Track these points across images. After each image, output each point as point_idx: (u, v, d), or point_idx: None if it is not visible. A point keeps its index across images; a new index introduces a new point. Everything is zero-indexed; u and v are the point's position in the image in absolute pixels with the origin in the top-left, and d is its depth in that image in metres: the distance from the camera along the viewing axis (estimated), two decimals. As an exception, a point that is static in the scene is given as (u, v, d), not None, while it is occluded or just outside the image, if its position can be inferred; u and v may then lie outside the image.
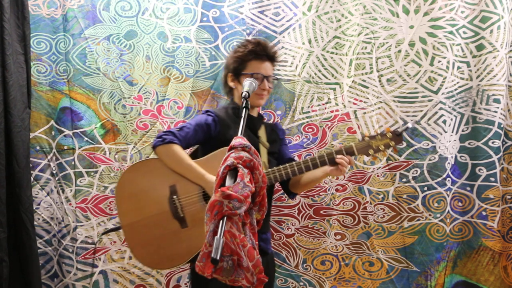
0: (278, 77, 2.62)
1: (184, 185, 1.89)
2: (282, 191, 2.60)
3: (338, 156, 1.91)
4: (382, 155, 2.03)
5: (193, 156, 2.05)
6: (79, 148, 2.60)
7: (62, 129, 2.60)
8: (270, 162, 2.04)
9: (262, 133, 2.08)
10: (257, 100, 2.04)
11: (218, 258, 1.19)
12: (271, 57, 2.06)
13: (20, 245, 2.45)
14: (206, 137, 1.98)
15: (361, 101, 2.61)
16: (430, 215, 2.58)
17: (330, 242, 2.62)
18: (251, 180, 1.41)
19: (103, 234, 2.37)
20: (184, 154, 1.90)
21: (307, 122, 2.62)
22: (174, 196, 1.89)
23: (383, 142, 1.97)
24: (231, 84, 2.08)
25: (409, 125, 1.96)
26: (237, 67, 2.04)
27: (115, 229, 2.18)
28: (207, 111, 2.07)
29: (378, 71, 2.60)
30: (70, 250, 2.59)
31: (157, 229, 1.88)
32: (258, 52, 2.02)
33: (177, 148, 1.89)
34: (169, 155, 1.89)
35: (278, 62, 2.15)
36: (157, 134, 1.95)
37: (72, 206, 2.59)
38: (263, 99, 2.06)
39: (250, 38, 2.10)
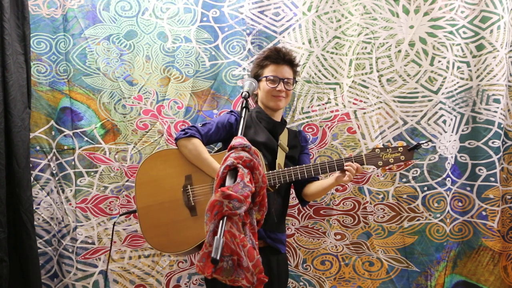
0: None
1: (200, 176, 2.00)
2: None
3: (347, 163, 1.94)
4: (392, 169, 2.04)
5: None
6: (79, 148, 2.60)
7: (62, 129, 2.60)
8: (287, 165, 2.10)
9: (283, 137, 2.16)
10: (274, 102, 2.12)
11: (218, 258, 1.19)
12: (288, 61, 2.13)
13: (20, 245, 2.45)
14: (228, 136, 2.08)
15: (361, 101, 2.61)
16: (430, 215, 2.58)
17: (330, 242, 2.62)
18: (251, 180, 1.41)
19: (121, 215, 2.48)
20: (202, 147, 2.01)
21: (307, 122, 2.62)
22: (188, 185, 2.01)
23: (393, 155, 1.98)
24: (257, 91, 2.17)
25: (422, 142, 1.98)
26: (257, 72, 2.15)
27: (132, 212, 2.34)
28: (231, 111, 2.18)
29: (378, 71, 2.60)
30: (70, 250, 2.59)
31: (168, 215, 2.00)
32: (273, 56, 2.11)
33: (197, 141, 2.02)
34: (189, 148, 2.01)
35: (298, 66, 2.21)
36: (182, 128, 2.10)
37: (72, 206, 2.59)
38: (281, 101, 2.13)
39: (265, 48, 2.27)
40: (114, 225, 2.43)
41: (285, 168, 1.98)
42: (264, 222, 1.89)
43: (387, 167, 2.00)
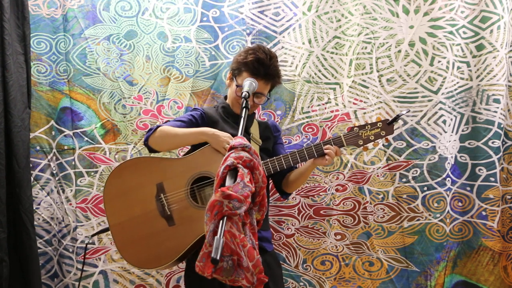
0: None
1: (171, 182, 1.88)
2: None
3: (325, 146, 1.87)
4: (374, 145, 1.99)
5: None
6: (79, 148, 2.60)
7: (62, 129, 2.60)
8: (263, 158, 1.99)
9: (254, 130, 2.07)
10: (238, 110, 1.99)
11: (218, 258, 1.19)
12: (267, 77, 1.96)
13: (20, 245, 2.45)
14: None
15: (361, 101, 2.62)
16: (430, 215, 2.58)
17: (330, 242, 2.62)
18: (251, 180, 1.41)
19: (93, 235, 2.34)
20: (173, 128, 1.90)
21: (307, 122, 2.62)
22: (161, 194, 1.87)
23: (373, 132, 1.91)
24: (227, 82, 2.10)
25: (402, 112, 1.88)
26: (234, 71, 2.02)
27: (104, 230, 2.15)
28: (195, 108, 2.09)
29: (378, 71, 2.60)
30: (70, 250, 2.59)
31: (144, 228, 1.86)
32: (251, 67, 1.94)
33: (165, 126, 1.91)
34: (162, 136, 1.90)
35: (278, 77, 2.02)
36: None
37: (72, 206, 2.59)
38: (252, 107, 1.98)
39: (256, 47, 2.03)
40: (86, 246, 2.35)
41: (262, 161, 1.86)
42: None
43: (367, 144, 1.92)
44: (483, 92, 2.56)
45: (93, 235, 2.33)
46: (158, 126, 1.93)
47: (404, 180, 2.59)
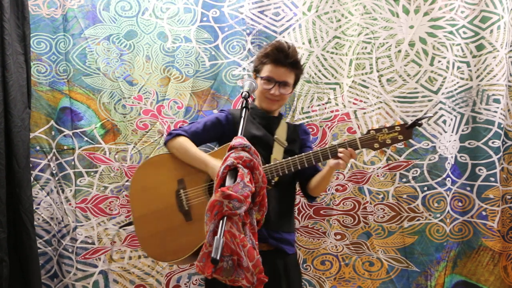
0: None
1: (192, 178, 1.93)
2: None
3: (340, 149, 1.83)
4: (391, 150, 1.94)
5: None
6: (79, 148, 2.60)
7: (62, 129, 2.60)
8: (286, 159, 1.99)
9: (281, 132, 2.06)
10: (266, 103, 2.05)
11: (218, 258, 1.19)
12: (289, 64, 1.99)
13: (20, 245, 2.45)
14: (219, 133, 2.03)
15: (361, 101, 2.61)
16: (430, 215, 2.58)
17: (330, 242, 2.62)
18: (251, 180, 1.41)
19: (121, 227, 2.45)
20: (189, 143, 1.96)
21: (307, 122, 2.62)
22: (181, 190, 1.94)
23: (390, 135, 1.83)
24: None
25: (425, 116, 1.82)
26: (257, 67, 2.06)
27: (130, 223, 2.27)
28: (222, 110, 2.13)
29: (378, 71, 2.60)
30: (70, 250, 2.59)
31: (163, 222, 1.93)
32: (272, 56, 1.99)
33: (182, 139, 1.97)
34: (176, 147, 1.97)
35: (301, 68, 2.08)
36: (169, 131, 2.05)
37: (72, 206, 2.59)
38: (274, 105, 2.05)
39: (274, 41, 2.09)
40: (113, 238, 2.42)
41: (277, 162, 1.88)
42: (265, 221, 1.86)
43: (383, 148, 1.85)
44: (483, 92, 2.56)
45: (121, 227, 2.43)
46: (178, 134, 2.00)
47: (404, 180, 2.59)
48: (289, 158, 1.87)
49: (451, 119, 2.58)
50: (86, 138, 2.60)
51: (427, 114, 1.89)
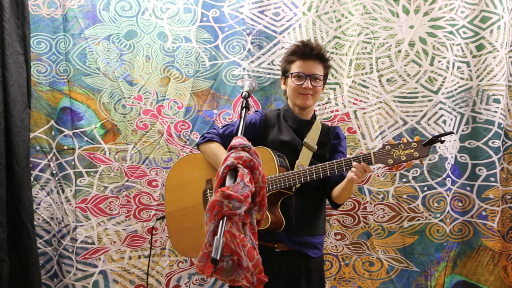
0: (278, 77, 2.61)
1: None
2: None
3: (354, 164, 1.80)
4: (407, 166, 1.89)
5: None
6: (79, 148, 2.60)
7: (62, 129, 2.60)
8: (312, 164, 1.95)
9: (313, 135, 2.04)
10: (301, 100, 2.02)
11: (218, 258, 1.18)
12: (316, 55, 2.00)
13: (20, 245, 2.45)
14: (252, 135, 1.99)
15: (361, 101, 2.61)
16: (430, 215, 2.58)
17: (330, 242, 2.62)
18: (251, 180, 1.41)
19: (158, 219, 2.51)
20: (219, 150, 2.00)
21: (307, 122, 2.62)
22: (208, 190, 2.01)
23: (405, 152, 1.74)
24: (283, 87, 2.12)
25: (442, 133, 1.75)
26: (285, 68, 2.07)
27: (164, 217, 2.32)
28: (257, 110, 2.15)
29: (378, 71, 2.60)
30: (70, 250, 2.59)
31: (190, 220, 2.03)
32: (300, 51, 2.00)
33: (214, 145, 2.02)
34: (207, 152, 2.04)
35: (328, 60, 2.07)
36: (203, 133, 2.12)
37: (72, 206, 2.59)
38: (308, 99, 2.01)
39: (299, 40, 2.12)
40: (152, 228, 2.44)
41: (295, 170, 1.87)
42: (285, 225, 1.89)
43: (399, 166, 1.78)
44: (483, 92, 2.56)
45: (158, 219, 2.51)
46: (210, 139, 2.05)
47: (404, 180, 2.59)
48: (307, 168, 1.87)
49: (451, 119, 2.58)
50: (86, 138, 2.60)
51: (446, 132, 1.84)
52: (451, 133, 1.81)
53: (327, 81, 2.62)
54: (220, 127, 2.09)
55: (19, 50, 2.51)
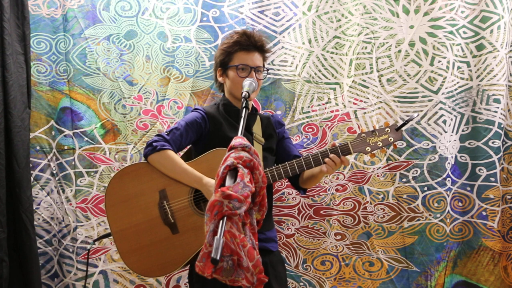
0: (278, 77, 2.62)
1: (174, 189, 1.85)
2: (281, 192, 2.61)
3: (331, 155, 1.81)
4: (381, 152, 1.94)
5: (186, 156, 2.02)
6: (79, 148, 2.60)
7: (62, 129, 2.60)
8: (266, 158, 1.97)
9: (257, 128, 2.01)
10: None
11: (218, 258, 1.18)
12: (259, 47, 1.95)
13: (20, 245, 2.45)
14: (198, 136, 1.94)
15: (361, 101, 2.61)
16: (430, 215, 2.58)
17: (330, 242, 2.62)
18: (251, 180, 1.41)
19: (95, 240, 2.34)
20: (177, 158, 1.86)
21: (307, 122, 2.62)
22: (164, 201, 1.85)
23: (381, 138, 1.83)
24: (220, 79, 2.01)
25: (412, 116, 1.83)
26: (224, 60, 1.96)
27: (106, 236, 2.11)
28: (196, 108, 2.01)
29: (378, 71, 2.60)
30: (70, 250, 2.59)
31: (147, 236, 1.84)
32: (243, 42, 1.92)
33: (170, 153, 1.85)
34: (162, 162, 1.85)
35: (269, 52, 2.03)
36: (147, 141, 1.88)
37: (72, 206, 2.59)
38: (253, 93, 1.91)
39: (232, 31, 2.03)
40: (88, 251, 2.35)
41: (267, 169, 1.83)
42: None
43: (375, 151, 1.84)
44: (483, 92, 2.56)
45: (95, 240, 2.32)
46: (162, 147, 1.85)
47: (404, 180, 2.59)
48: (280, 165, 1.84)
49: (451, 119, 2.58)
50: (86, 138, 2.60)
51: (414, 114, 1.89)
52: (417, 117, 1.84)
53: (327, 81, 2.64)
54: (165, 133, 1.89)
55: (19, 50, 2.51)
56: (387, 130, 1.83)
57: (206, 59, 2.63)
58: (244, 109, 1.60)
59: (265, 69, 1.99)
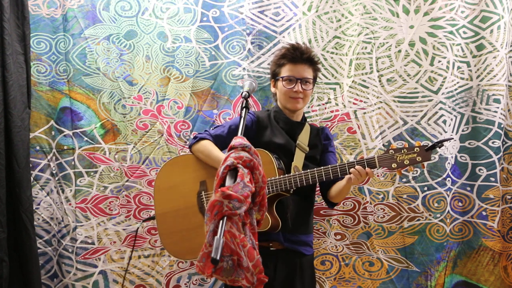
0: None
1: (214, 181, 1.91)
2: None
3: (357, 167, 1.85)
4: (409, 170, 1.95)
5: None
6: (79, 148, 2.60)
7: (62, 129, 2.60)
8: (306, 166, 2.02)
9: (304, 137, 2.09)
10: (291, 103, 2.07)
11: (218, 258, 1.18)
12: (306, 59, 2.05)
13: (20, 245, 2.45)
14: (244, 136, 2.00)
15: (361, 101, 2.61)
16: (430, 215, 2.58)
17: (330, 242, 2.62)
18: (251, 180, 1.41)
19: (144, 221, 2.49)
20: (211, 146, 2.01)
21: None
22: (202, 192, 2.01)
23: (409, 156, 1.83)
24: (272, 89, 2.15)
25: (444, 139, 1.83)
26: (274, 71, 2.10)
27: (153, 218, 2.30)
28: (248, 112, 2.11)
29: (378, 71, 2.60)
30: (70, 250, 2.59)
31: (183, 221, 2.02)
32: (289, 55, 2.04)
33: (206, 142, 2.03)
34: (200, 150, 2.03)
35: (317, 64, 2.13)
36: (194, 135, 2.10)
37: (72, 206, 2.59)
38: (299, 103, 2.06)
39: (288, 43, 2.18)
40: (136, 231, 2.46)
41: (297, 173, 1.91)
42: (282, 225, 1.91)
43: (402, 169, 1.85)
44: (483, 92, 2.56)
45: (144, 221, 2.48)
46: (202, 138, 2.05)
47: (404, 180, 2.59)
48: (309, 171, 1.90)
49: (451, 119, 2.58)
50: (86, 138, 2.60)
51: (446, 138, 1.92)
52: (451, 139, 1.86)
53: (327, 81, 2.64)
54: (211, 129, 2.10)
55: (19, 50, 2.51)
56: (417, 150, 1.83)
57: (206, 59, 2.63)
58: (244, 109, 1.61)
59: (315, 80, 2.11)
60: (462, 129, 2.58)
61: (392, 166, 1.84)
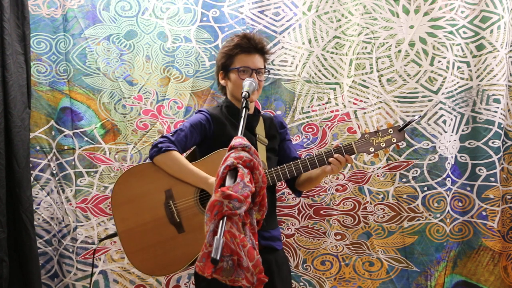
0: (278, 77, 2.62)
1: (180, 189, 1.86)
2: (281, 192, 2.61)
3: (335, 155, 1.83)
4: (384, 153, 1.96)
5: (191, 157, 2.03)
6: (79, 148, 2.60)
7: (62, 129, 2.60)
8: (269, 159, 1.98)
9: (260, 129, 2.02)
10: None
11: (218, 258, 1.18)
12: (259, 49, 1.97)
13: (20, 245, 2.45)
14: (202, 137, 1.95)
15: (361, 101, 2.61)
16: (430, 215, 2.58)
17: (330, 242, 2.62)
18: (251, 180, 1.41)
19: (100, 241, 2.33)
20: (183, 159, 1.87)
21: (307, 122, 2.62)
22: (170, 201, 1.86)
23: (384, 139, 1.85)
24: (222, 82, 2.03)
25: (414, 118, 1.85)
26: (225, 63, 1.98)
27: (112, 235, 2.11)
28: (200, 110, 2.02)
29: (378, 71, 2.60)
30: (70, 250, 2.59)
31: (153, 236, 1.85)
32: (243, 45, 1.94)
33: (175, 154, 1.86)
34: (168, 163, 1.86)
35: (269, 54, 2.04)
36: (153, 143, 1.89)
37: (72, 206, 2.59)
38: (254, 94, 1.91)
39: (233, 34, 2.07)
40: (94, 251, 2.36)
41: (272, 169, 1.86)
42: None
43: (379, 152, 1.87)
44: (483, 92, 2.56)
45: (101, 240, 2.31)
46: (167, 148, 1.86)
47: (404, 180, 2.59)
48: (285, 165, 1.85)
49: (451, 119, 2.58)
50: (86, 138, 2.60)
51: (416, 115, 1.91)
52: (421, 117, 2.04)
53: (328, 81, 2.64)
54: (170, 134, 1.91)
55: (19, 50, 2.51)
56: (390, 131, 1.85)
57: (206, 59, 2.63)
58: (244, 109, 1.60)
59: (266, 70, 2.01)
60: (462, 129, 2.58)
61: (370, 150, 1.86)
